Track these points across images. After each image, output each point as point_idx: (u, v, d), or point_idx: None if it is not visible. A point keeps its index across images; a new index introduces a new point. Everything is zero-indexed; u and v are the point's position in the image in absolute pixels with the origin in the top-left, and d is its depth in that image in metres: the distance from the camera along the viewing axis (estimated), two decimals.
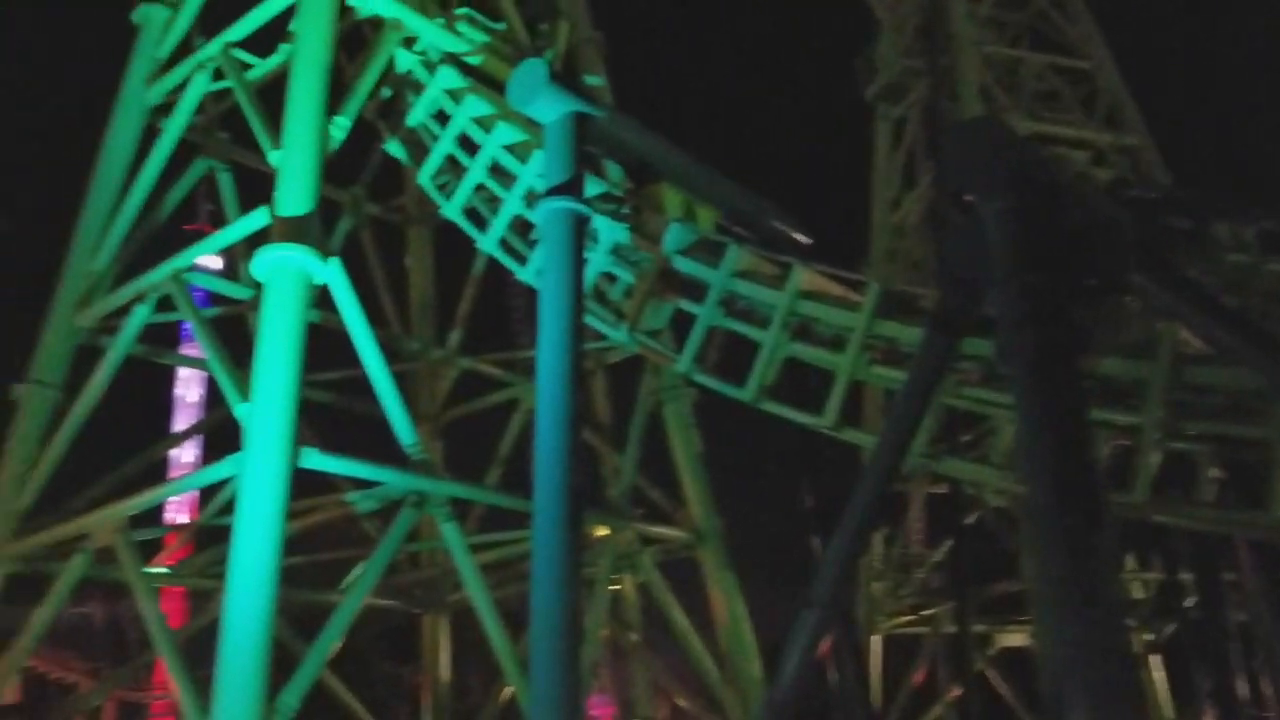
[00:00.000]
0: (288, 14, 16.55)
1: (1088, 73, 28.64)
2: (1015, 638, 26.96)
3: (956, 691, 26.10)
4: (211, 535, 18.52)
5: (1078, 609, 8.27)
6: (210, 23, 18.29)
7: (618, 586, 19.85)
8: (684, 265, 14.39)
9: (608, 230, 14.91)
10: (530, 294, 14.99)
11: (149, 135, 17.99)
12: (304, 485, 14.08)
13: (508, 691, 18.87)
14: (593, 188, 14.50)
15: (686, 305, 14.38)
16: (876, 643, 27.93)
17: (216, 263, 26.96)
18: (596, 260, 14.96)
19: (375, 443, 16.02)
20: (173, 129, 17.33)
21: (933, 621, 27.79)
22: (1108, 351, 11.50)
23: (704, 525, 18.92)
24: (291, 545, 13.19)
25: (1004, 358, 9.85)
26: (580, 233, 12.95)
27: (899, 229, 29.74)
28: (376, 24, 17.54)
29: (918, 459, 12.40)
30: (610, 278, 15.38)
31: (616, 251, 15.08)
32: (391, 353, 21.18)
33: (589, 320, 14.42)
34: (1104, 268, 10.10)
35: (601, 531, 18.45)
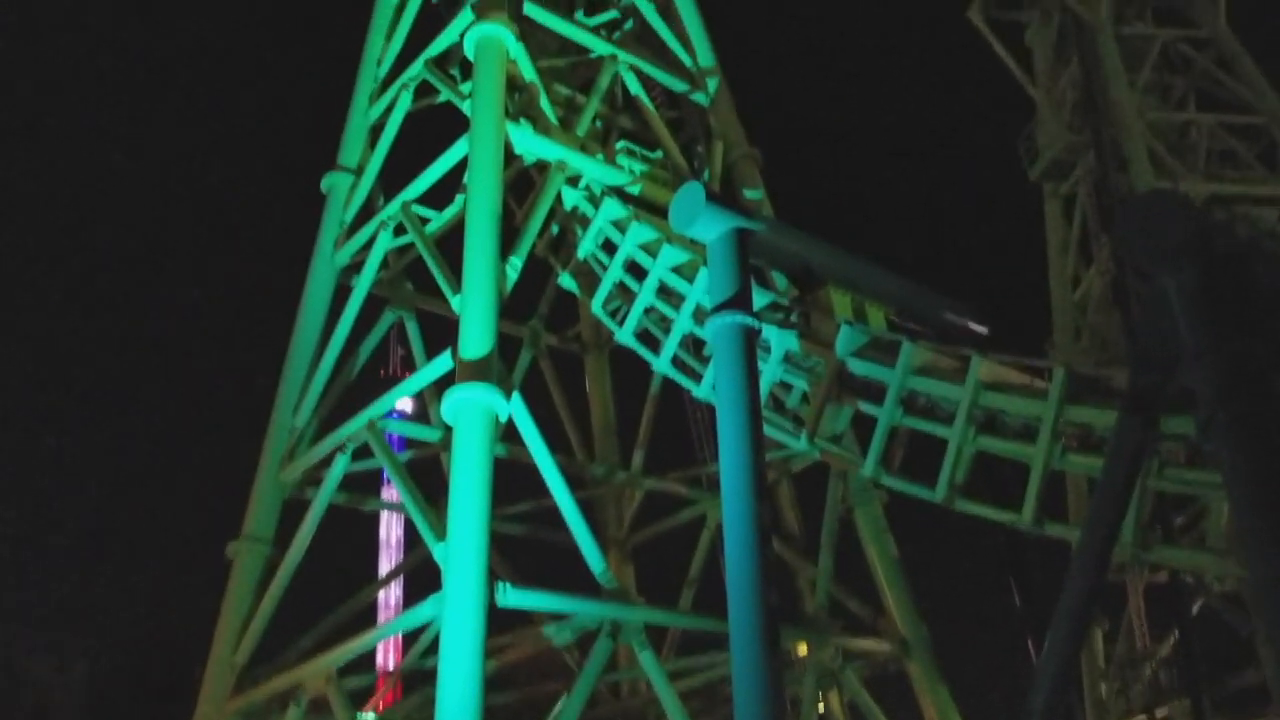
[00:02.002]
0: (460, 167, 17.53)
1: (1263, 128, 27.40)
2: None
3: None
4: (419, 676, 18.93)
5: None
6: (390, 180, 19.58)
7: (824, 706, 19.23)
8: (859, 367, 14.25)
9: (778, 339, 14.96)
10: (709, 408, 15.09)
11: (340, 293, 19.20)
12: (502, 616, 14.31)
13: None
14: (760, 298, 14.63)
15: (866, 407, 14.19)
16: None
17: (409, 405, 28.12)
18: (770, 370, 14.99)
19: (567, 567, 16.22)
20: (362, 286, 18.46)
21: None
22: None
23: (910, 635, 18.20)
24: (494, 682, 13.35)
25: (1206, 434, 9.36)
26: (751, 345, 13.03)
27: (1081, 306, 28.74)
28: (542, 166, 18.34)
29: (1128, 549, 11.75)
30: (786, 386, 15.36)
31: (789, 359, 15.08)
32: (577, 480, 21.62)
33: (768, 431, 14.36)
34: None
35: (802, 648, 18.00)
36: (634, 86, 20.17)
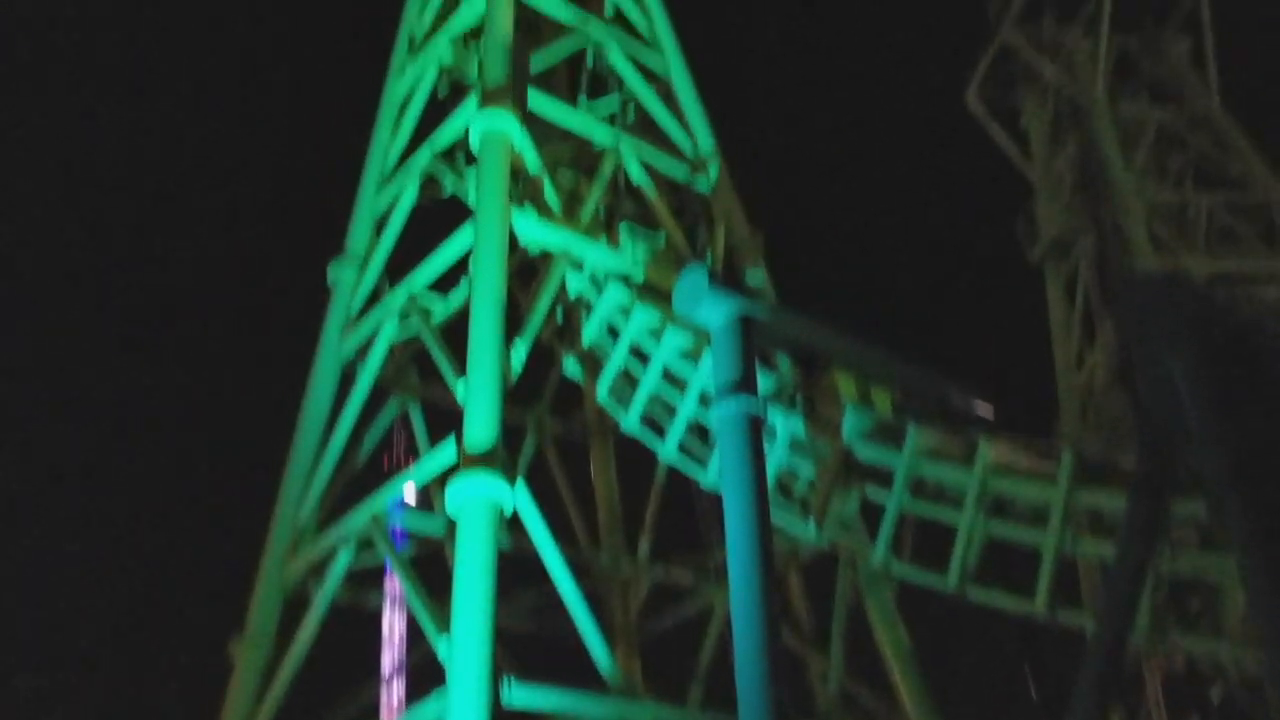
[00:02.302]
0: (465, 254, 17.63)
1: (1261, 206, 27.57)
2: None
3: None
4: None
5: None
6: (395, 268, 19.66)
7: None
8: (866, 451, 14.15)
9: (784, 424, 14.88)
10: (717, 495, 14.93)
11: (344, 383, 19.16)
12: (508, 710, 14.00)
13: None
14: (764, 383, 14.57)
15: (874, 493, 14.05)
16: None
17: (411, 494, 27.89)
18: (777, 456, 14.86)
19: (572, 659, 15.91)
20: (367, 375, 18.42)
21: None
22: None
23: None
24: None
25: (1218, 518, 9.25)
26: (757, 431, 12.96)
27: (1087, 387, 28.63)
28: (546, 253, 18.43)
29: (1144, 635, 11.53)
30: (793, 472, 15.24)
31: (796, 444, 14.98)
32: (582, 569, 21.32)
33: (776, 518, 14.22)
34: None
35: None
36: (636, 173, 20.37)
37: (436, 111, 21.26)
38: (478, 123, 17.80)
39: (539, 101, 19.18)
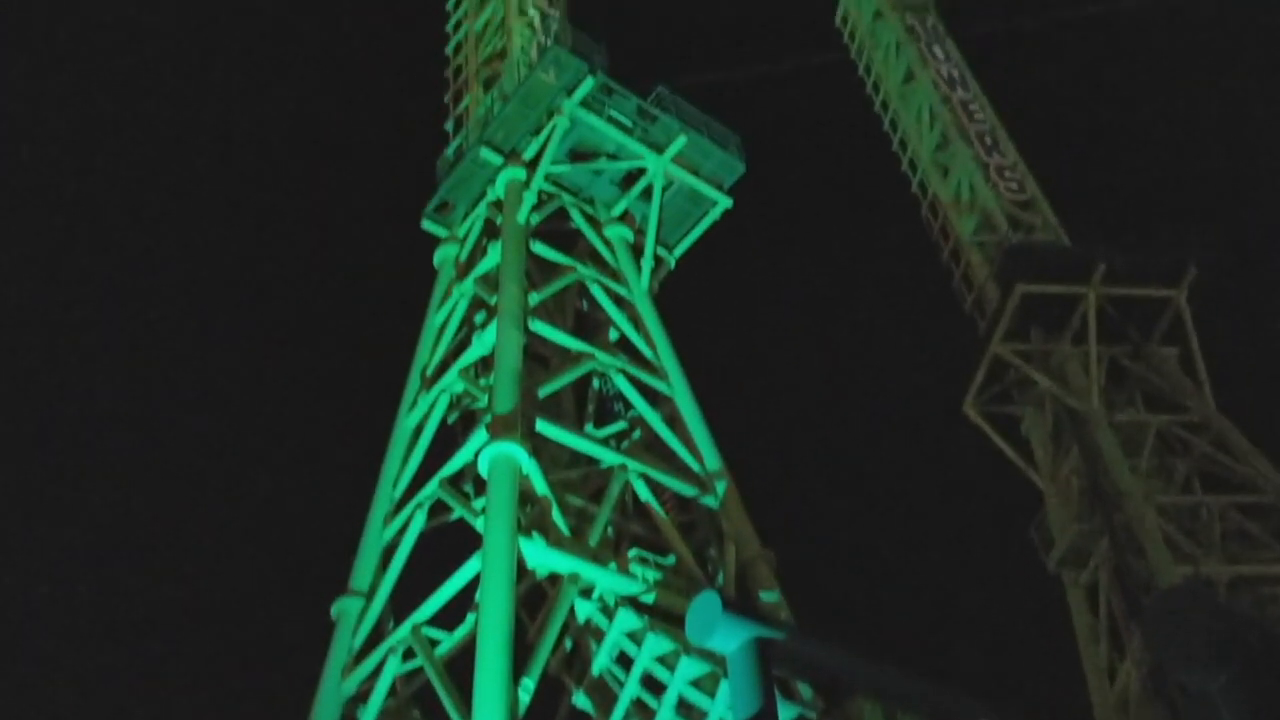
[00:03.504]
0: (472, 584, 17.35)
1: (1272, 505, 27.37)
2: None
3: None
4: None
5: None
6: (399, 598, 19.29)
7: None
8: None
9: None
10: None
11: None
12: None
13: None
14: (786, 713, 13.95)
15: None
16: None
17: None
18: None
19: None
20: (369, 718, 17.66)
21: None
22: None
23: None
24: None
25: None
26: None
27: (1122, 699, 27.36)
28: (554, 578, 18.16)
29: None
30: None
31: None
32: None
33: None
34: None
35: None
36: (644, 493, 20.39)
37: (447, 438, 21.63)
38: (487, 452, 17.99)
39: (547, 428, 19.49)
